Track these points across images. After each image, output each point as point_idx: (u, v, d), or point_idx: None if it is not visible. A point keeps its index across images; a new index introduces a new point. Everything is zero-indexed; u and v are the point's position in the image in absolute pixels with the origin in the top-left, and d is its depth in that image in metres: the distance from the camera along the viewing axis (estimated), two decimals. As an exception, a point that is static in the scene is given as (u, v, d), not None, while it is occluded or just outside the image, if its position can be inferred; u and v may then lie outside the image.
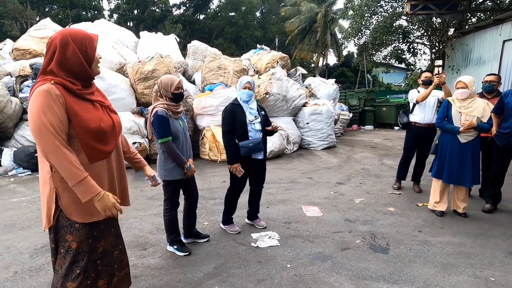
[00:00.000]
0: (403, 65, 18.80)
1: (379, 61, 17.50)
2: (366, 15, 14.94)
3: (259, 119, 3.15)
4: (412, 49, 15.80)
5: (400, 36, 15.07)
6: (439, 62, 4.21)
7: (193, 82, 8.81)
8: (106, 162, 1.66)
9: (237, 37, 32.75)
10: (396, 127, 13.08)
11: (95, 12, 28.93)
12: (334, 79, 11.82)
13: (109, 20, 18.57)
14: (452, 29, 13.40)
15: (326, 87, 10.43)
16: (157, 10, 32.48)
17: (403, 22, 15.44)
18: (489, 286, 2.40)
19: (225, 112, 3.11)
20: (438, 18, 13.33)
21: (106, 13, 31.81)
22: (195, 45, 10.07)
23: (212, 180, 5.47)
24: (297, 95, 8.44)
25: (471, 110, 3.50)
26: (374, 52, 16.43)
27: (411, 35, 15.54)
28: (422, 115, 4.45)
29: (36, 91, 1.44)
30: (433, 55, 14.69)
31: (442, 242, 3.13)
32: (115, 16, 31.87)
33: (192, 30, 32.78)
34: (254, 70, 9.17)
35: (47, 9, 27.99)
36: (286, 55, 9.98)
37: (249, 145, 3.03)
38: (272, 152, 7.09)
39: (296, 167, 6.56)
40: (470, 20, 13.62)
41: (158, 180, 2.12)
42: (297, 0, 26.67)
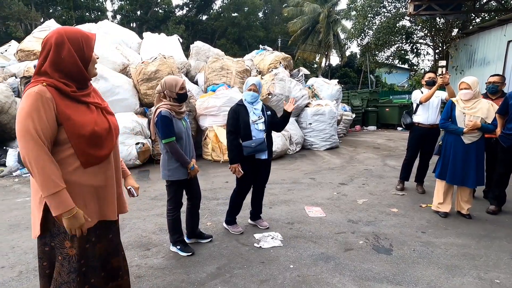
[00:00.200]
0: (406, 66, 18.74)
1: (382, 61, 17.45)
2: (369, 15, 14.90)
3: (262, 120, 3.15)
4: (415, 50, 15.74)
5: (403, 36, 15.01)
6: (443, 63, 4.19)
7: (196, 83, 8.84)
8: (103, 167, 1.59)
9: (239, 38, 32.80)
10: (399, 128, 13.04)
11: (99, 13, 29.07)
12: (337, 80, 11.81)
13: (112, 21, 18.69)
14: (455, 30, 13.34)
15: (329, 87, 10.41)
16: (160, 11, 32.60)
17: (406, 22, 15.39)
18: (493, 288, 2.39)
19: (229, 113, 3.16)
20: (442, 19, 13.27)
21: (110, 14, 31.99)
22: (198, 45, 10.09)
23: (215, 180, 5.48)
24: (300, 95, 8.43)
25: (475, 111, 3.48)
26: (377, 53, 16.38)
27: (414, 35, 15.47)
28: (426, 116, 4.43)
29: (26, 93, 1.38)
30: (436, 56, 14.62)
31: (446, 243, 3.11)
32: (118, 17, 32.02)
33: (195, 30, 32.86)
34: (257, 70, 9.18)
35: (51, 11, 28.19)
36: (289, 56, 9.99)
37: (252, 144, 3.05)
38: (274, 152, 7.07)
39: (299, 167, 6.55)
40: (474, 21, 13.54)
41: (134, 193, 1.98)
42: (299, 1, 26.67)
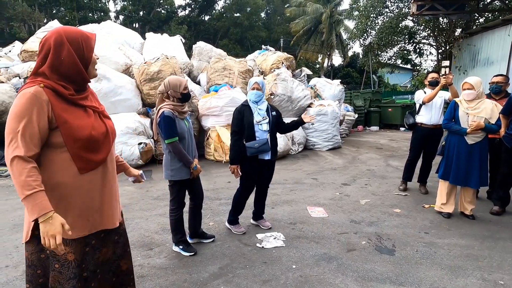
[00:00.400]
0: (408, 66, 18.68)
1: (385, 61, 17.40)
2: (371, 15, 14.87)
3: (267, 120, 3.16)
4: (418, 50, 15.69)
5: (406, 36, 14.97)
6: (446, 63, 4.19)
7: (198, 83, 8.84)
8: (100, 172, 1.53)
9: (242, 38, 32.83)
10: (402, 128, 12.99)
11: (102, 14, 29.21)
12: (340, 80, 11.79)
13: (115, 22, 18.74)
14: (459, 30, 13.29)
15: (331, 88, 10.39)
16: (162, 11, 32.70)
17: (409, 22, 15.36)
18: (497, 289, 2.37)
19: (234, 113, 3.17)
20: (445, 19, 13.22)
21: (112, 14, 32.14)
22: (200, 46, 10.10)
23: (217, 180, 5.48)
24: (302, 96, 8.43)
25: (479, 112, 3.47)
26: (379, 53, 16.34)
27: (417, 35, 15.43)
28: (429, 116, 4.42)
29: (21, 93, 1.33)
30: (439, 56, 14.57)
31: (449, 244, 3.10)
32: (121, 17, 32.17)
33: (197, 31, 32.93)
34: (259, 71, 9.18)
35: (54, 11, 28.35)
36: (291, 56, 9.97)
37: (255, 145, 3.06)
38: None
39: (301, 167, 6.54)
40: (477, 21, 13.49)
41: (144, 176, 1.98)
42: (302, 1, 26.67)
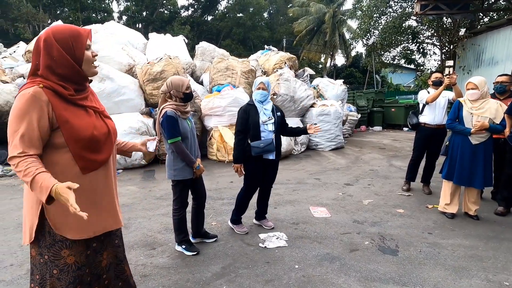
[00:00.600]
0: (412, 66, 18.59)
1: (388, 61, 17.34)
2: (374, 15, 14.82)
3: (272, 120, 3.17)
4: (421, 50, 15.61)
5: (410, 36, 14.90)
6: (450, 63, 4.16)
7: (201, 83, 8.87)
8: (102, 173, 1.51)
9: (244, 38, 32.86)
10: (405, 128, 12.94)
11: (105, 14, 29.36)
12: (342, 80, 11.76)
13: (118, 22, 18.80)
14: (463, 29, 13.20)
15: (334, 88, 10.37)
16: (165, 11, 32.82)
17: (412, 22, 15.28)
18: (501, 290, 2.36)
19: (239, 112, 3.17)
20: (449, 18, 13.15)
21: (116, 15, 32.29)
22: (203, 46, 10.13)
23: (219, 180, 5.49)
24: (305, 96, 8.41)
25: (483, 111, 3.44)
26: (383, 53, 16.29)
27: (421, 35, 15.35)
28: (432, 116, 4.40)
29: (20, 94, 1.31)
30: (443, 56, 14.49)
31: (453, 244, 3.08)
32: (124, 18, 32.29)
33: (200, 31, 32.99)
34: (262, 71, 9.18)
35: (58, 12, 28.54)
36: (294, 56, 9.96)
37: (260, 145, 3.06)
38: (279, 152, 7.08)
39: (304, 167, 6.53)
40: (482, 20, 13.39)
41: (153, 145, 1.89)
42: (305, 1, 26.64)
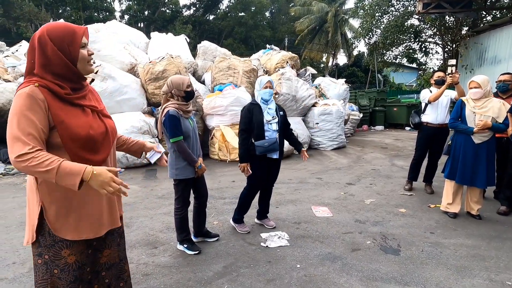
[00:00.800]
0: (414, 65, 18.52)
1: (390, 61, 17.27)
2: (377, 14, 14.77)
3: (276, 120, 3.17)
4: (424, 49, 15.54)
5: (412, 35, 14.84)
6: (453, 62, 4.13)
7: (203, 83, 8.87)
8: None
9: (246, 37, 32.82)
10: (407, 128, 12.91)
11: (107, 14, 29.40)
12: (344, 79, 11.73)
13: (120, 21, 18.85)
14: (465, 28, 13.14)
15: (336, 87, 10.35)
16: (167, 11, 32.83)
17: (414, 21, 15.21)
18: (504, 290, 2.35)
19: (243, 112, 3.17)
20: (451, 17, 13.08)
21: (118, 14, 32.33)
22: (205, 45, 10.13)
23: (221, 179, 5.49)
24: (307, 95, 8.40)
25: (486, 110, 3.43)
26: (385, 52, 16.23)
27: (423, 34, 15.29)
28: (435, 115, 4.38)
29: (17, 94, 1.30)
30: (445, 55, 14.43)
31: (455, 244, 3.07)
32: (126, 17, 32.33)
33: (202, 30, 32.99)
34: (264, 70, 9.17)
35: (60, 11, 28.59)
36: (296, 55, 9.95)
37: (265, 144, 3.06)
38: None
39: (306, 167, 6.53)
40: (485, 19, 13.31)
41: (155, 157, 1.82)
42: (307, 0, 26.57)
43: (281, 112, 3.27)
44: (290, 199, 4.44)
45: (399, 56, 16.85)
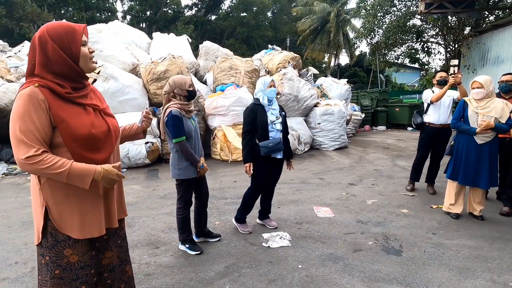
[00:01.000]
0: (416, 65, 18.49)
1: (392, 61, 17.25)
2: (379, 14, 14.75)
3: (280, 120, 3.18)
4: (426, 49, 15.51)
5: (414, 35, 14.81)
6: (455, 62, 4.12)
7: (205, 83, 8.87)
8: None
9: (248, 38, 32.83)
10: (409, 128, 12.86)
11: (109, 14, 29.47)
12: (346, 79, 11.72)
13: (122, 22, 18.88)
14: (468, 28, 13.10)
15: (338, 87, 10.34)
16: (169, 11, 32.86)
17: (417, 21, 15.18)
18: (507, 291, 2.34)
19: (246, 113, 3.17)
20: (454, 17, 13.04)
21: (120, 14, 32.40)
22: (206, 45, 10.13)
23: (223, 179, 5.49)
24: (309, 95, 8.40)
25: (489, 111, 3.41)
26: (387, 52, 16.20)
27: (425, 34, 15.25)
28: (437, 115, 4.36)
29: (18, 95, 1.31)
30: (448, 55, 14.39)
31: (457, 245, 3.06)
32: (128, 17, 32.41)
33: (204, 30, 33.02)
34: (266, 70, 9.17)
35: (62, 12, 28.69)
36: (298, 55, 9.94)
37: (269, 144, 3.07)
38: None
39: (308, 167, 6.52)
40: (487, 19, 13.27)
41: (139, 119, 1.87)
42: (308, 0, 26.55)
43: (283, 113, 3.27)
44: (292, 199, 4.44)
45: (401, 56, 16.85)
